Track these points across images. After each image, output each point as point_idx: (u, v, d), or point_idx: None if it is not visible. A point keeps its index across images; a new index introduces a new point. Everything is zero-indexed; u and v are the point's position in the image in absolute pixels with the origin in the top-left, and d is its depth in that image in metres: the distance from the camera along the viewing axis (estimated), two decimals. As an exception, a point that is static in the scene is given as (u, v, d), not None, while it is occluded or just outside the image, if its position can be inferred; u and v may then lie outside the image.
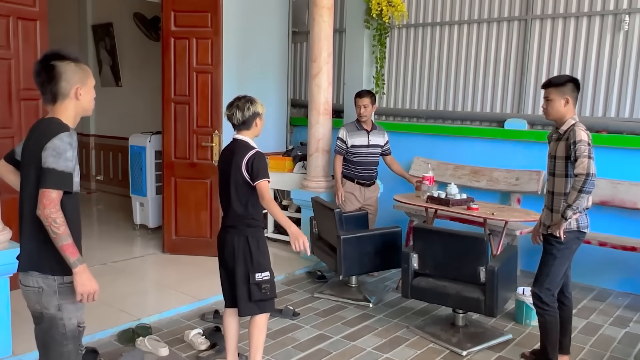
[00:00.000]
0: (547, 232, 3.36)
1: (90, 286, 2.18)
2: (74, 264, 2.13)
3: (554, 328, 3.37)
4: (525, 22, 5.56)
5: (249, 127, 3.13)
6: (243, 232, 3.08)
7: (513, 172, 5.52)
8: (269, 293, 3.10)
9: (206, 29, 5.29)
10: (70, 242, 2.12)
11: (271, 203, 2.99)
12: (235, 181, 3.05)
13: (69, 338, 2.24)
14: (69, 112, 2.23)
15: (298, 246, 2.92)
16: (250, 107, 3.10)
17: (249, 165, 3.00)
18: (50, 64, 2.18)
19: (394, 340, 3.89)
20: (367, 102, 4.94)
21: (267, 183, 3.02)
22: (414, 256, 3.89)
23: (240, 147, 3.08)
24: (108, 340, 3.76)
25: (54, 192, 2.09)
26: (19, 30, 4.29)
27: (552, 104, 3.29)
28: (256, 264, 3.06)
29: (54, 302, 2.20)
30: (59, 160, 2.09)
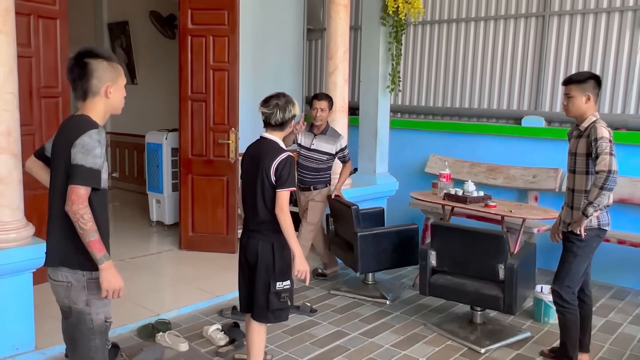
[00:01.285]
0: (567, 229, 3.34)
1: (116, 283, 2.20)
2: (100, 260, 2.16)
3: (574, 326, 3.35)
4: (543, 18, 5.52)
5: (283, 128, 2.99)
6: (269, 238, 2.93)
7: (530, 170, 5.49)
8: (288, 302, 2.98)
9: (223, 27, 5.31)
10: (97, 238, 2.14)
11: (287, 217, 2.83)
12: (262, 184, 2.89)
13: (97, 333, 2.27)
14: (98, 110, 2.26)
15: (299, 275, 2.86)
16: (292, 109, 2.96)
17: (278, 168, 2.85)
18: (83, 61, 2.21)
19: (411, 338, 3.89)
20: (325, 106, 4.74)
21: (288, 193, 2.86)
22: (431, 253, 3.89)
23: (270, 148, 2.94)
24: (128, 335, 3.79)
25: (82, 189, 2.11)
26: (39, 29, 4.33)
27: (573, 101, 3.27)
28: (278, 273, 2.93)
29: (82, 297, 2.23)
30: (87, 157, 2.12)
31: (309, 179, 4.81)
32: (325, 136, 4.73)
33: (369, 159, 5.90)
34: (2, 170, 3.18)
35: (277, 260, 2.92)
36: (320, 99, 4.76)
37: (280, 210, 2.83)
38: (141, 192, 8.20)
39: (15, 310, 3.28)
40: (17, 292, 3.28)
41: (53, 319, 3.82)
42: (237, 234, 5.58)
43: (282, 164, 2.85)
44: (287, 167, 2.85)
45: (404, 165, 6.36)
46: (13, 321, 3.27)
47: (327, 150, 4.73)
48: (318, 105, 4.73)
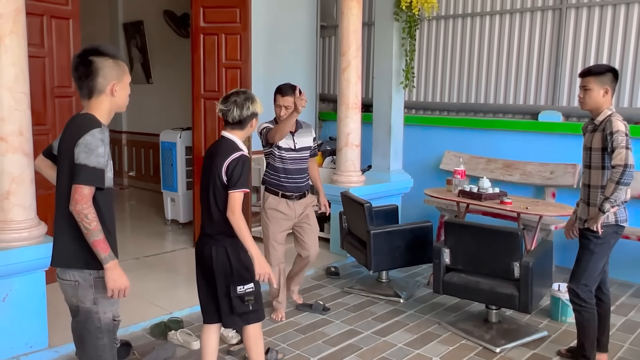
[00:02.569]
0: (584, 226, 3.26)
1: (121, 282, 2.19)
2: (105, 260, 2.15)
3: (592, 325, 3.27)
4: (560, 11, 5.41)
5: (243, 127, 2.80)
6: (222, 242, 2.75)
7: (547, 166, 5.39)
8: (254, 305, 2.81)
9: (235, 25, 5.29)
10: (101, 237, 2.13)
11: (239, 220, 2.65)
12: (214, 185, 2.73)
13: (104, 331, 2.27)
14: (103, 108, 2.25)
15: (261, 279, 2.71)
16: (250, 105, 2.77)
17: (229, 168, 2.67)
18: (89, 59, 2.20)
19: (425, 336, 3.84)
20: (291, 103, 3.80)
21: (241, 195, 2.67)
22: (445, 251, 3.83)
23: (225, 147, 2.76)
24: (141, 333, 3.80)
25: (86, 188, 2.11)
26: (52, 29, 4.37)
27: (590, 94, 3.19)
28: (237, 277, 2.76)
29: (89, 295, 2.23)
30: (90, 156, 2.11)
31: (303, 183, 4.04)
32: (302, 130, 4.00)
33: (383, 156, 5.86)
34: (14, 169, 3.20)
35: (233, 264, 2.75)
36: (285, 94, 3.84)
37: (231, 212, 2.65)
38: (157, 190, 8.24)
39: (28, 308, 3.30)
40: (30, 291, 3.30)
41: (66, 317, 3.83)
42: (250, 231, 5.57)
43: (233, 164, 2.68)
44: (239, 166, 2.68)
45: (419, 162, 6.29)
46: (26, 319, 3.30)
47: (309, 143, 4.04)
48: (283, 103, 3.84)
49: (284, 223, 3.96)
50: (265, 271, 2.70)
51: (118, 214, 7.86)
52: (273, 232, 3.95)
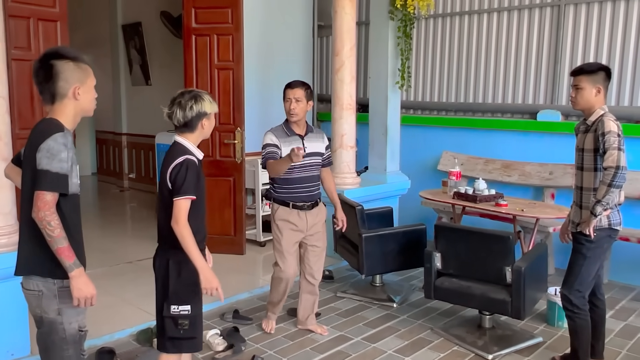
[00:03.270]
0: (576, 230, 3.17)
1: (87, 291, 2.13)
2: (70, 268, 2.09)
3: (585, 332, 3.17)
4: (559, 7, 5.29)
5: (192, 129, 2.57)
6: (165, 253, 2.57)
7: (546, 166, 5.28)
8: (187, 332, 2.54)
9: (227, 25, 5.24)
10: (65, 245, 2.07)
11: (184, 229, 2.42)
12: (161, 192, 2.55)
13: (70, 342, 2.20)
14: (67, 112, 2.18)
15: (209, 292, 2.47)
16: (194, 105, 2.54)
17: (172, 174, 2.47)
18: (49, 63, 2.14)
19: (416, 343, 3.75)
20: (301, 95, 3.59)
21: (186, 202, 2.45)
22: (436, 255, 3.74)
23: (173, 152, 2.56)
24: (126, 340, 3.75)
25: (49, 194, 2.05)
26: (39, 32, 4.31)
27: (582, 93, 3.09)
28: (173, 294, 2.52)
29: (53, 306, 2.17)
30: (52, 162, 2.05)
31: (315, 191, 3.75)
32: (313, 134, 3.74)
33: (379, 157, 5.77)
34: (-8, 175, 3.15)
35: (172, 279, 2.53)
36: (294, 87, 3.63)
37: (174, 221, 2.43)
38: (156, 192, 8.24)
39: (9, 315, 3.25)
40: (10, 298, 3.23)
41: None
42: (244, 235, 5.52)
43: (176, 168, 2.46)
44: (183, 171, 2.45)
45: (417, 163, 6.20)
46: (7, 327, 3.25)
47: (321, 149, 3.76)
48: (292, 95, 3.60)
49: (295, 234, 3.70)
50: (211, 285, 2.46)
51: (120, 216, 7.89)
52: (286, 244, 3.69)
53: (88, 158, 10.61)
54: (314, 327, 3.91)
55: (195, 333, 2.61)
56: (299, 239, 3.75)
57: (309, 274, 3.83)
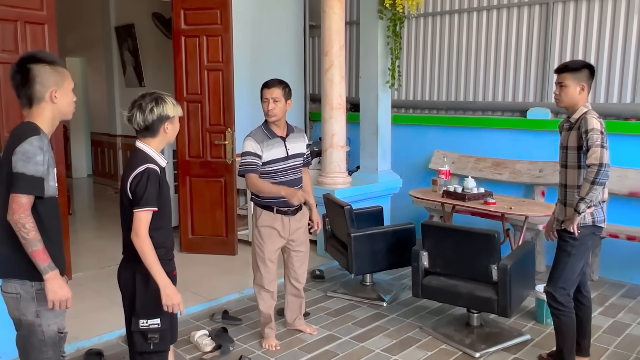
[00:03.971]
0: (560, 227, 3.18)
1: (62, 293, 2.14)
2: (44, 270, 2.10)
3: (570, 329, 3.18)
4: (547, 5, 5.30)
5: (154, 133, 2.44)
6: (131, 266, 2.45)
7: (536, 164, 5.28)
8: (157, 346, 2.47)
9: (216, 26, 5.24)
10: (40, 248, 2.08)
11: (144, 243, 2.33)
12: (122, 202, 2.44)
13: (49, 344, 2.22)
14: (45, 116, 2.19)
15: (170, 309, 2.38)
16: (155, 108, 2.40)
17: (132, 184, 2.36)
18: (26, 67, 2.15)
19: (404, 342, 3.76)
20: (278, 95, 3.45)
21: (147, 215, 2.35)
22: (423, 254, 3.75)
23: (133, 160, 2.43)
24: (115, 342, 3.76)
25: (24, 197, 2.07)
26: (27, 35, 4.32)
27: (566, 91, 3.10)
28: (141, 308, 2.44)
29: (31, 308, 2.18)
30: (28, 165, 2.07)
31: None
32: (294, 134, 3.63)
33: (370, 157, 5.77)
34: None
35: (139, 292, 2.44)
36: (272, 86, 3.48)
37: (134, 234, 2.34)
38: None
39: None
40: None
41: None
42: (236, 235, 5.53)
43: (136, 179, 2.35)
44: (143, 182, 2.34)
45: (408, 162, 6.21)
46: None
47: (302, 149, 3.66)
48: (269, 95, 3.46)
49: (278, 241, 3.61)
50: (173, 302, 2.36)
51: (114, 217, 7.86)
52: (269, 251, 3.59)
53: (83, 160, 10.62)
54: (303, 327, 3.91)
55: (165, 346, 2.54)
56: (281, 245, 3.66)
57: (294, 278, 3.80)
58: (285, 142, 3.57)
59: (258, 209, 3.62)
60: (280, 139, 3.56)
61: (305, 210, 3.76)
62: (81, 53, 10.04)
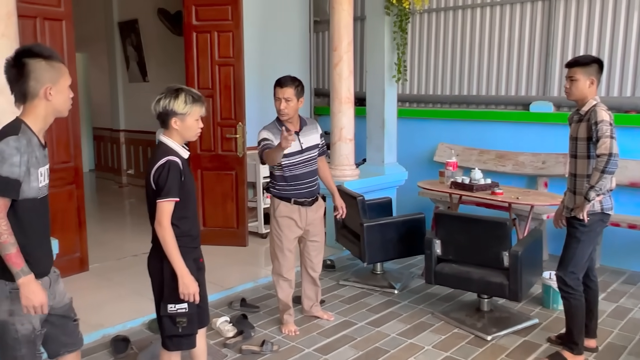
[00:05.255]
0: (570, 215, 3.32)
1: (35, 299, 2.06)
2: (17, 275, 2.03)
3: (580, 312, 3.33)
4: (550, 1, 5.44)
5: (164, 125, 2.54)
6: (159, 253, 2.54)
7: (539, 156, 5.44)
8: (185, 329, 2.58)
9: (227, 22, 5.34)
10: (13, 252, 2.02)
11: (166, 232, 2.45)
12: (148, 194, 2.56)
13: (22, 343, 2.15)
14: (37, 113, 2.11)
15: (185, 297, 2.49)
16: (162, 100, 2.48)
17: (155, 176, 2.46)
18: (21, 61, 2.07)
19: (418, 326, 3.91)
20: (291, 94, 3.52)
21: (169, 205, 2.46)
22: (436, 242, 3.90)
23: (157, 152, 2.53)
24: (139, 328, 3.87)
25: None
26: (45, 31, 4.42)
27: (576, 84, 3.24)
28: (169, 294, 2.54)
29: (4, 307, 2.11)
30: (3, 166, 2.00)
31: (315, 186, 3.78)
32: (307, 127, 3.71)
33: (377, 149, 5.91)
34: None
35: (166, 278, 2.53)
36: (284, 86, 3.53)
37: (157, 223, 2.46)
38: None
39: None
40: None
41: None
42: (247, 227, 5.65)
43: (158, 171, 2.45)
44: (165, 173, 2.44)
45: (413, 155, 6.35)
46: None
47: (317, 141, 3.76)
48: (281, 95, 3.53)
49: (296, 230, 3.72)
50: (189, 291, 2.49)
51: (118, 211, 7.96)
52: (287, 241, 3.71)
53: (86, 155, 10.65)
54: (320, 313, 4.05)
55: (193, 330, 2.64)
56: (298, 235, 3.77)
57: (310, 267, 3.92)
58: (299, 136, 3.66)
59: (276, 200, 3.73)
60: (294, 134, 3.58)
61: (321, 202, 3.89)
62: (84, 48, 10.05)
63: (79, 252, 4.79)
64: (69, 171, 4.69)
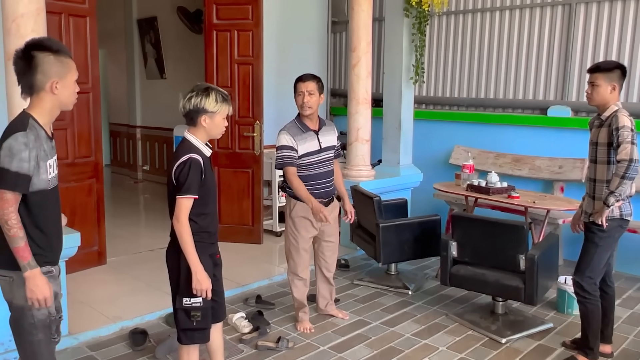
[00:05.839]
0: (589, 220, 3.33)
1: (39, 292, 2.11)
2: (24, 268, 2.09)
3: (596, 317, 3.34)
4: (570, 6, 5.44)
5: (192, 123, 2.58)
6: (177, 247, 2.57)
7: (556, 160, 5.43)
8: (200, 323, 2.63)
9: (247, 21, 5.39)
10: (21, 245, 2.07)
11: (183, 228, 2.50)
12: (169, 189, 2.62)
13: (39, 327, 2.21)
14: (44, 106, 2.15)
15: (198, 293, 2.54)
16: (194, 98, 2.52)
17: (176, 172, 2.51)
18: (30, 54, 2.11)
19: (432, 327, 3.93)
20: (313, 88, 3.59)
21: (187, 202, 2.51)
22: (452, 244, 3.91)
23: (181, 149, 2.58)
24: (156, 322, 3.93)
25: (8, 193, 2.06)
26: (70, 27, 4.49)
27: (598, 90, 3.24)
28: (184, 287, 2.58)
29: (22, 293, 2.15)
30: (12, 161, 2.05)
31: (331, 186, 3.80)
32: (326, 127, 3.77)
33: (392, 151, 5.93)
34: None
35: (183, 272, 2.58)
36: (306, 80, 3.63)
37: (175, 219, 2.52)
38: (170, 184, 8.39)
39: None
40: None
41: (84, 305, 4.01)
42: (262, 225, 5.69)
43: (180, 167, 2.50)
44: (185, 170, 2.49)
45: (429, 157, 6.36)
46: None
47: (334, 142, 3.79)
48: (304, 88, 3.59)
49: (311, 230, 3.75)
50: (202, 287, 2.53)
51: (133, 206, 8.03)
52: (302, 240, 3.74)
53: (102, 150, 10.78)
54: (335, 312, 4.08)
55: (207, 324, 2.68)
56: (314, 235, 3.80)
57: (325, 267, 3.95)
58: (318, 135, 3.70)
59: (292, 200, 3.75)
60: (313, 132, 3.69)
61: (336, 203, 3.92)
62: (102, 45, 10.08)
63: (96, 245, 4.85)
64: (89, 165, 4.76)
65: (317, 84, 3.64)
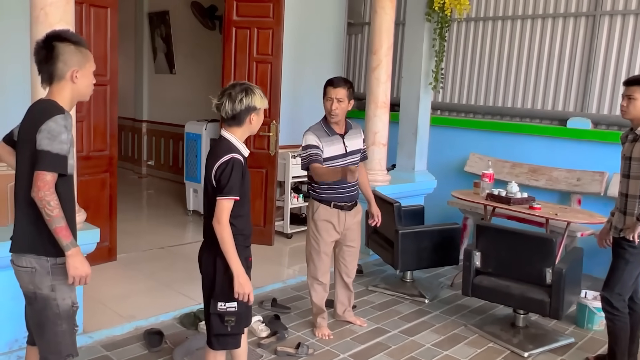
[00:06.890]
0: (619, 235, 3.27)
1: (82, 270, 2.17)
2: (67, 247, 2.13)
3: (624, 334, 3.28)
4: (594, 18, 5.39)
5: (240, 123, 2.52)
6: (213, 250, 2.51)
7: (574, 172, 5.38)
8: (233, 328, 2.56)
9: (268, 19, 5.31)
10: (63, 224, 2.12)
11: (224, 230, 2.43)
12: (206, 189, 2.56)
13: (63, 317, 2.24)
14: (64, 95, 2.21)
15: (240, 297, 2.47)
16: (244, 98, 2.48)
17: (217, 173, 2.45)
18: (51, 44, 2.17)
19: (452, 338, 3.86)
20: (343, 95, 3.49)
21: (229, 203, 2.44)
22: (476, 254, 3.84)
23: (220, 148, 2.52)
24: (171, 322, 3.84)
25: (49, 175, 2.09)
26: (91, 17, 4.41)
27: (634, 103, 3.18)
28: (220, 291, 2.51)
29: (47, 282, 2.20)
30: (53, 143, 2.09)
31: (355, 190, 3.72)
32: (352, 130, 3.67)
33: (408, 156, 5.87)
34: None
35: (219, 276, 2.51)
36: (338, 86, 3.50)
37: (216, 221, 2.44)
38: (175, 180, 8.30)
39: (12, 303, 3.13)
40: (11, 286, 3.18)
41: (97, 302, 3.91)
42: (274, 225, 5.62)
43: (221, 168, 2.44)
44: (228, 171, 2.43)
45: (443, 164, 6.30)
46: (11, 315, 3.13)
47: (360, 145, 3.73)
48: (334, 95, 3.49)
49: (333, 234, 3.68)
50: (245, 291, 2.47)
51: (136, 201, 7.92)
52: (324, 244, 3.67)
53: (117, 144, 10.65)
54: (353, 319, 4.01)
55: (240, 329, 2.63)
56: (335, 239, 3.73)
57: (345, 272, 3.89)
58: (344, 139, 3.63)
59: (315, 203, 3.67)
60: (339, 136, 3.62)
61: (359, 207, 3.84)
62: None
63: (107, 241, 4.75)
64: (104, 159, 4.67)
65: (348, 90, 3.54)
